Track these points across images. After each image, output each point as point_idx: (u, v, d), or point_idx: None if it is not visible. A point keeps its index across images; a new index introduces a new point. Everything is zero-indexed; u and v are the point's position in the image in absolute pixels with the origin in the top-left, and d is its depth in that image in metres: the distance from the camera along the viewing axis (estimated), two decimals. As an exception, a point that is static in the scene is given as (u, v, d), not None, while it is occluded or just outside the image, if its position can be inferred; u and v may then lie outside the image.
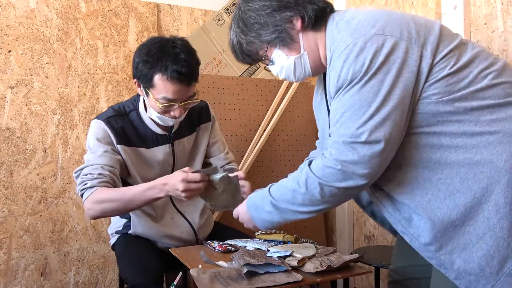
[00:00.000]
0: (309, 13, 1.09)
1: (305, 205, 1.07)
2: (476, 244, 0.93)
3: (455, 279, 0.97)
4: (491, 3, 1.69)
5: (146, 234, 1.58)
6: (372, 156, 0.96)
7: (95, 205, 1.36)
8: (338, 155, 0.98)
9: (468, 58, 0.98)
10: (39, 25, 2.04)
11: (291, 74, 1.16)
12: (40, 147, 2.03)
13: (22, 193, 1.98)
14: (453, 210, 0.95)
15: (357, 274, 1.26)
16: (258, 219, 1.17)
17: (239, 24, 1.15)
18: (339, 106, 1.00)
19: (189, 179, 1.28)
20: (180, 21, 2.39)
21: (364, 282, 2.45)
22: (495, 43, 1.68)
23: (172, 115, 1.46)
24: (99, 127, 1.48)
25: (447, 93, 0.96)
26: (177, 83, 1.39)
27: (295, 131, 2.49)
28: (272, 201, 1.12)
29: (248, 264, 1.12)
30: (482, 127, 0.95)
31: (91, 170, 1.39)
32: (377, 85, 0.95)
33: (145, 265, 1.40)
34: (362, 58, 0.95)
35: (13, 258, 1.96)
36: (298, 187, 1.06)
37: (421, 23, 1.01)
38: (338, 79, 0.99)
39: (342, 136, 0.98)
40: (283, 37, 1.11)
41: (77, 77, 2.11)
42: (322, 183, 1.01)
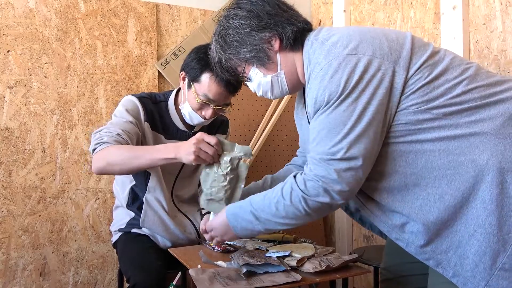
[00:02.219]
0: (288, 34, 1.11)
1: (288, 217, 1.07)
2: (469, 241, 0.96)
3: (453, 276, 0.99)
4: (490, 3, 1.69)
5: (152, 226, 1.59)
6: (349, 172, 0.98)
7: (103, 155, 1.36)
8: (318, 171, 1.01)
9: (442, 67, 1.01)
10: (38, 25, 2.04)
11: (268, 92, 1.19)
12: (39, 147, 2.03)
13: (21, 193, 1.98)
14: (444, 212, 0.98)
15: (356, 274, 1.26)
16: (238, 228, 1.15)
17: (219, 40, 1.18)
18: (316, 125, 1.02)
19: (205, 139, 1.26)
20: (179, 21, 2.39)
21: (363, 282, 2.45)
22: (494, 43, 1.68)
23: (203, 114, 1.52)
24: (131, 100, 1.55)
25: (425, 102, 0.98)
26: (222, 87, 1.45)
27: (294, 131, 2.49)
28: (253, 211, 1.11)
29: (247, 264, 1.12)
30: (462, 129, 0.98)
31: (111, 129, 1.42)
32: (352, 104, 0.97)
33: (148, 264, 1.41)
34: (337, 79, 0.97)
35: (12, 258, 1.96)
36: (282, 199, 1.06)
37: (393, 39, 1.03)
38: (316, 101, 1.01)
39: (319, 153, 1.01)
40: (260, 57, 1.13)
41: (76, 77, 2.11)
42: (306, 197, 1.03)
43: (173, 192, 1.66)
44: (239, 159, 1.29)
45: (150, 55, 2.28)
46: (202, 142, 1.25)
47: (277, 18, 1.13)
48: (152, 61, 2.28)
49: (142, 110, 1.54)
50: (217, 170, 1.29)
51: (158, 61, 2.30)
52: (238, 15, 1.14)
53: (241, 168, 1.30)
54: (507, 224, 0.94)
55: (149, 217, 1.59)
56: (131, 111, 1.52)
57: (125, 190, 1.65)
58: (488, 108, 0.99)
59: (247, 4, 1.15)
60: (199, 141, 1.25)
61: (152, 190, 1.59)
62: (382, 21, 2.23)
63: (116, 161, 1.35)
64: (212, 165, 1.29)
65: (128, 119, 1.49)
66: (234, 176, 1.29)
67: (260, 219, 1.11)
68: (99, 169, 1.39)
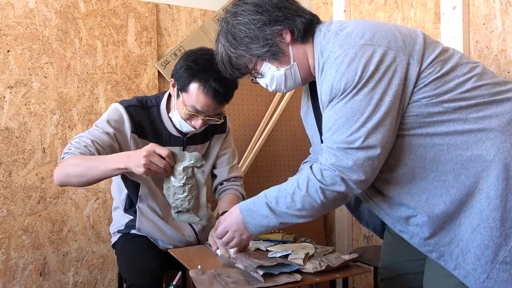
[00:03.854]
0: (298, 26, 1.12)
1: (304, 208, 1.07)
2: (472, 235, 0.99)
3: (454, 269, 1.02)
4: (490, 3, 1.69)
5: (149, 232, 1.58)
6: (366, 161, 0.98)
7: (63, 167, 1.33)
8: (334, 160, 1.01)
9: (452, 63, 1.03)
10: (38, 25, 2.03)
11: (281, 85, 1.18)
12: (39, 147, 2.03)
13: (21, 193, 1.98)
14: (450, 206, 1.00)
15: (356, 274, 1.27)
16: (252, 224, 1.14)
17: (227, 37, 1.16)
18: (332, 114, 1.02)
19: (156, 151, 1.23)
20: (179, 21, 2.39)
21: (363, 282, 2.45)
22: (494, 43, 1.68)
23: (192, 124, 1.48)
24: (117, 110, 1.49)
25: (436, 95, 1.00)
26: (210, 99, 1.40)
27: (294, 131, 2.49)
28: (269, 204, 1.11)
29: (262, 266, 1.11)
30: (470, 124, 1.00)
31: (81, 139, 1.39)
32: (369, 93, 0.98)
33: (144, 265, 1.40)
34: (353, 68, 0.98)
35: (12, 258, 1.96)
36: (299, 189, 1.06)
37: (406, 33, 1.05)
38: (332, 89, 1.01)
39: (335, 142, 1.01)
40: (274, 51, 1.13)
41: (76, 77, 2.11)
42: (323, 187, 1.03)
43: None
44: (192, 167, 1.26)
45: (150, 55, 2.28)
46: (153, 155, 1.22)
47: (285, 11, 1.13)
48: (152, 61, 2.28)
49: (127, 121, 1.48)
50: (174, 182, 1.26)
51: (158, 61, 2.30)
52: (246, 10, 1.13)
53: (197, 175, 1.28)
54: (509, 219, 0.97)
55: (144, 224, 1.57)
56: (113, 122, 1.46)
57: (122, 195, 1.63)
58: (495, 105, 1.02)
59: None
60: (150, 154, 1.21)
61: (144, 198, 1.56)
62: (382, 21, 2.23)
63: (73, 173, 1.32)
64: (169, 177, 1.27)
65: (105, 130, 1.43)
66: (193, 184, 1.28)
67: (276, 211, 1.10)
68: (59, 181, 1.36)
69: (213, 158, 1.70)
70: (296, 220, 1.10)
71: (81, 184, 1.36)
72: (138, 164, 1.22)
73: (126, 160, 1.26)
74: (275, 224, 1.12)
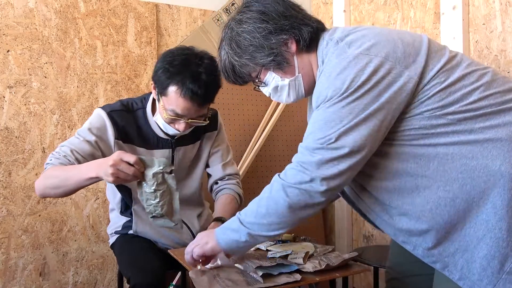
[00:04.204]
0: (304, 35, 1.09)
1: (268, 213, 1.03)
2: (477, 246, 0.96)
3: (459, 280, 0.99)
4: (489, 3, 1.69)
5: (146, 233, 1.57)
6: (331, 161, 0.97)
7: (41, 180, 1.32)
8: (300, 157, 1.01)
9: (459, 73, 1.00)
10: (38, 24, 2.03)
11: (283, 96, 1.16)
12: (39, 147, 2.02)
13: (21, 193, 1.98)
14: (454, 216, 0.97)
15: (356, 273, 1.27)
16: (223, 240, 1.10)
17: (231, 45, 1.13)
18: (313, 118, 1.02)
19: (124, 159, 1.19)
20: (179, 21, 2.39)
21: (363, 282, 2.45)
22: (493, 43, 1.68)
23: (176, 127, 1.44)
24: (99, 116, 1.46)
25: (440, 107, 0.97)
26: (189, 101, 1.36)
27: (293, 132, 2.49)
28: (239, 217, 1.08)
29: (261, 267, 1.11)
30: (476, 135, 0.97)
31: (61, 150, 1.37)
32: (353, 102, 0.96)
33: (147, 264, 1.40)
34: (343, 77, 0.96)
35: (11, 258, 1.96)
36: (263, 193, 1.05)
37: (409, 42, 1.01)
38: (319, 96, 1.01)
39: (308, 143, 1.00)
40: (279, 60, 1.10)
41: (76, 77, 2.11)
42: (284, 184, 1.01)
43: None
44: (162, 172, 1.23)
45: (150, 55, 2.28)
46: (120, 163, 1.18)
47: (292, 20, 1.10)
48: (152, 61, 2.28)
49: (110, 128, 1.44)
50: (146, 188, 1.24)
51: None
52: (252, 18, 1.10)
53: (168, 180, 1.26)
54: None
55: (141, 227, 1.56)
56: (94, 130, 1.42)
57: (116, 198, 1.62)
58: (503, 114, 0.99)
59: (259, 6, 1.11)
60: (117, 162, 1.17)
61: (139, 201, 1.52)
62: (382, 21, 2.23)
63: (51, 184, 1.30)
64: (141, 183, 1.25)
65: (86, 139, 1.40)
66: (164, 189, 1.25)
67: (244, 222, 1.06)
68: (39, 193, 1.35)
69: (205, 157, 1.66)
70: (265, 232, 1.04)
71: (58, 195, 1.35)
72: (107, 173, 1.19)
73: (97, 168, 1.22)
74: (246, 239, 1.06)
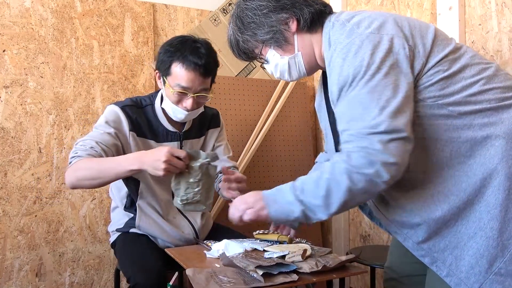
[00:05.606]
0: (305, 15, 1.11)
1: (329, 195, 0.97)
2: (468, 243, 0.97)
3: (446, 276, 1.00)
4: (485, 4, 1.70)
5: (149, 229, 1.59)
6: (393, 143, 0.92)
7: (74, 172, 1.36)
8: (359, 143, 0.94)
9: (461, 64, 1.00)
10: (34, 24, 2.03)
11: (285, 73, 1.18)
12: (35, 147, 2.02)
13: (17, 193, 1.97)
14: (448, 212, 0.98)
15: (353, 274, 1.27)
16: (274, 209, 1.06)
17: (236, 21, 1.17)
18: (347, 104, 0.98)
19: (174, 154, 1.27)
20: (176, 21, 2.39)
21: (359, 282, 2.46)
22: (489, 43, 1.69)
23: (184, 106, 1.50)
24: (113, 111, 1.52)
25: (442, 96, 0.98)
26: (192, 72, 1.45)
27: (291, 131, 2.49)
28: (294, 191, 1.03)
29: (260, 266, 1.11)
30: (475, 131, 0.97)
31: (85, 143, 1.42)
32: (383, 79, 0.94)
33: (148, 264, 1.41)
34: (360, 55, 0.96)
35: (7, 258, 1.95)
36: (322, 174, 0.99)
37: (416, 26, 1.02)
38: (339, 77, 0.99)
39: (358, 129, 0.95)
40: (278, 38, 1.13)
41: (72, 77, 2.10)
42: (350, 169, 0.95)
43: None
44: (207, 163, 1.33)
45: (147, 55, 2.28)
46: (173, 159, 1.26)
47: None
48: (149, 61, 2.28)
49: (125, 120, 1.51)
50: (189, 178, 1.33)
51: (155, 61, 2.29)
52: None
53: (210, 170, 1.35)
54: (508, 229, 0.94)
55: (144, 221, 1.58)
56: (111, 123, 1.49)
57: (121, 193, 1.65)
58: (501, 112, 0.99)
59: None
60: (170, 158, 1.26)
61: (144, 196, 1.58)
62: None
63: (85, 176, 1.35)
64: (182, 174, 1.33)
65: (106, 131, 1.46)
66: (205, 179, 1.35)
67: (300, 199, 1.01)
68: (71, 185, 1.39)
69: (209, 151, 1.74)
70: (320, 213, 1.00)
71: (93, 186, 1.41)
72: (157, 168, 1.26)
73: (140, 161, 1.30)
74: (298, 215, 1.02)
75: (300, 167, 2.49)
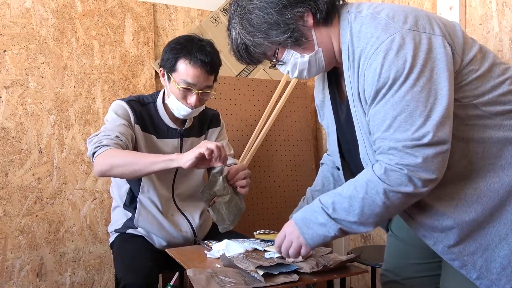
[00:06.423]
0: (321, 7, 1.01)
1: (364, 213, 0.96)
2: (499, 245, 0.96)
3: (477, 279, 0.98)
4: (486, 3, 1.70)
5: (146, 225, 1.59)
6: (436, 158, 0.90)
7: (107, 157, 1.36)
8: (399, 160, 0.91)
9: (489, 63, 0.98)
10: (34, 24, 2.03)
11: (304, 72, 1.08)
12: (36, 147, 2.02)
13: (18, 193, 1.97)
14: (481, 214, 0.96)
15: (353, 274, 1.27)
16: (309, 235, 1.04)
17: (243, 24, 1.04)
18: (388, 109, 0.92)
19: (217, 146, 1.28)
20: (177, 21, 2.39)
21: (360, 282, 2.46)
22: (490, 43, 1.69)
23: (188, 103, 1.54)
24: (120, 105, 1.56)
25: (476, 96, 0.95)
26: (198, 69, 1.49)
27: (291, 131, 2.49)
28: (326, 210, 1.01)
29: (261, 266, 1.11)
30: (505, 131, 0.96)
31: (109, 132, 1.44)
32: (427, 83, 0.89)
33: (138, 265, 1.41)
34: (402, 55, 0.90)
35: (8, 259, 1.95)
36: (356, 192, 0.97)
37: (446, 23, 0.98)
38: (379, 78, 0.92)
39: (400, 141, 0.91)
40: (296, 36, 1.02)
41: (73, 77, 2.11)
42: (387, 188, 0.92)
43: (174, 191, 1.67)
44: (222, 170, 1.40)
45: (147, 55, 2.28)
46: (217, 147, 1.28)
47: None
48: (149, 61, 2.28)
49: (131, 113, 1.56)
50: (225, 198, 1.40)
51: (156, 61, 2.29)
52: None
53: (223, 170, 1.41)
54: None
55: (143, 216, 1.60)
56: (121, 115, 1.53)
57: (122, 190, 1.66)
58: None
59: None
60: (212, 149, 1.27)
61: (146, 190, 1.60)
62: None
63: (120, 163, 1.35)
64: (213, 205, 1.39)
65: (121, 122, 1.51)
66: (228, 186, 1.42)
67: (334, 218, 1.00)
68: (102, 172, 1.38)
69: None
70: (356, 228, 0.99)
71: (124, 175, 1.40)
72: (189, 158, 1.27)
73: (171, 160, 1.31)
74: (335, 233, 1.01)
75: (300, 167, 2.49)
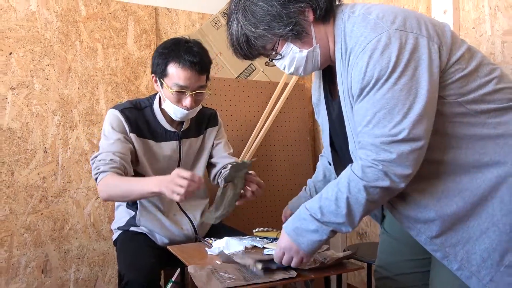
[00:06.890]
0: (321, 4, 1.04)
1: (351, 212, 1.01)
2: (479, 238, 0.98)
3: (457, 270, 1.01)
4: (479, 7, 1.74)
5: (148, 224, 1.63)
6: (410, 154, 0.94)
7: (105, 188, 1.46)
8: (376, 155, 0.96)
9: (476, 62, 1.01)
10: (39, 27, 2.07)
11: (300, 68, 1.10)
12: (41, 147, 2.06)
13: (23, 192, 2.02)
14: (462, 208, 0.99)
15: (350, 270, 1.30)
16: (305, 244, 1.07)
17: (245, 15, 1.06)
18: (369, 106, 0.96)
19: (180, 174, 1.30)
20: (178, 24, 2.43)
21: (356, 278, 2.50)
22: (483, 46, 1.73)
23: (183, 104, 1.55)
24: (114, 115, 1.59)
25: (461, 94, 0.98)
26: (188, 70, 1.50)
27: (290, 132, 2.53)
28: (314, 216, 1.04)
29: (260, 261, 1.14)
30: (489, 129, 0.99)
31: (104, 156, 1.50)
32: (408, 83, 0.93)
33: (141, 261, 1.43)
34: (387, 55, 0.93)
35: (14, 255, 2.00)
36: (340, 193, 1.01)
37: (435, 23, 1.02)
38: (364, 76, 0.96)
39: (377, 136, 0.95)
40: (297, 30, 1.04)
41: (77, 79, 2.15)
42: (366, 185, 0.97)
43: None
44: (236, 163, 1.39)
45: (149, 58, 2.32)
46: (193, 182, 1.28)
47: None
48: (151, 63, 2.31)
49: (126, 123, 1.58)
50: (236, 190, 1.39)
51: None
52: None
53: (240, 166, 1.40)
54: None
55: (144, 216, 1.63)
56: (116, 128, 1.57)
57: None
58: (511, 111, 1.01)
59: None
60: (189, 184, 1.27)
61: None
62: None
63: (116, 193, 1.46)
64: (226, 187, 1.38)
65: (116, 138, 1.54)
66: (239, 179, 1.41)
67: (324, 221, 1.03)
68: (104, 199, 1.57)
69: (208, 148, 1.79)
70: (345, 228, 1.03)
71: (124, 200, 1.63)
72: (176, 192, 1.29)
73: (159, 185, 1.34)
74: (328, 235, 1.05)
75: (298, 166, 2.52)
